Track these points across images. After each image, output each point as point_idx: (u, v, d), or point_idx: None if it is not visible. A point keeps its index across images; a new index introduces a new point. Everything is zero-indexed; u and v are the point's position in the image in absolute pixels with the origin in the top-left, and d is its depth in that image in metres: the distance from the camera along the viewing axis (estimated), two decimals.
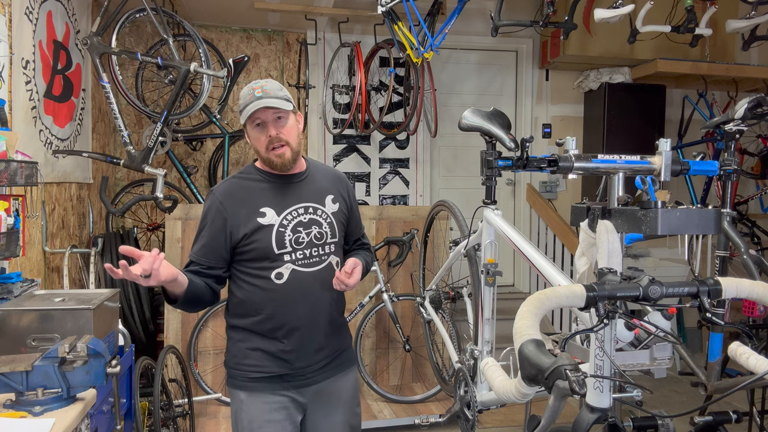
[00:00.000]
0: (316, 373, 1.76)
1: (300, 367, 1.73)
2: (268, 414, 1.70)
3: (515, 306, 1.10)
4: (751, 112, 2.28)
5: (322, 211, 1.77)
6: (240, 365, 1.73)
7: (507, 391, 1.14)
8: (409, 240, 3.80)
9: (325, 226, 1.76)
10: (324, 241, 1.75)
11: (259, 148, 1.71)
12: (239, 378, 1.74)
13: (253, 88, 1.67)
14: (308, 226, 1.73)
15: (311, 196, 1.78)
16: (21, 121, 2.71)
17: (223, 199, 1.71)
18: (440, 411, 3.49)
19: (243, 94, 1.69)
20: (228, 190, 1.73)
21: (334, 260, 1.78)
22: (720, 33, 4.42)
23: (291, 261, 1.70)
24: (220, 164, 4.47)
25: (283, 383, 1.73)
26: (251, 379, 1.72)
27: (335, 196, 1.82)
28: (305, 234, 1.72)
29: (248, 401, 1.72)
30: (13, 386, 1.56)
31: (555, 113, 5.27)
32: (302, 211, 1.74)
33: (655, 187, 1.37)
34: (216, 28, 4.66)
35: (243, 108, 1.67)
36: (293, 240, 1.70)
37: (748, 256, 2.36)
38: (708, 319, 1.18)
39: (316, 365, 1.76)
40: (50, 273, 3.12)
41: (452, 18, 3.76)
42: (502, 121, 1.94)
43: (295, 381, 1.74)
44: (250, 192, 1.73)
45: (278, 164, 1.71)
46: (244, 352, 1.73)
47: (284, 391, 1.73)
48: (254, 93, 1.66)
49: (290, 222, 1.71)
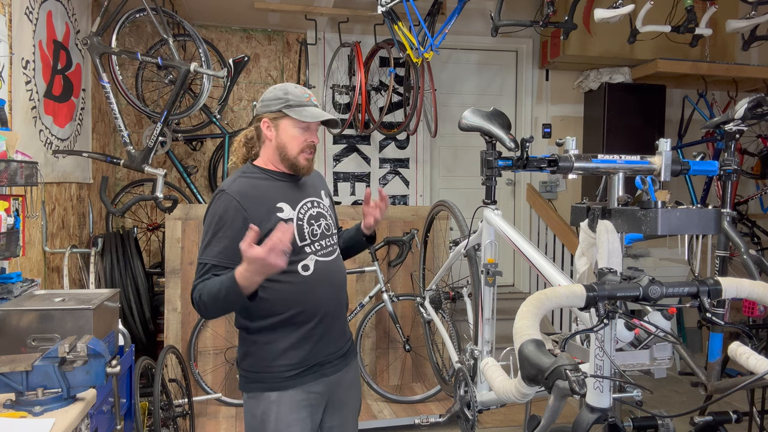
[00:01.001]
0: (339, 360, 1.83)
1: (328, 354, 1.78)
2: (296, 412, 1.72)
3: (515, 306, 1.10)
4: (751, 112, 2.28)
5: (323, 204, 1.86)
6: (271, 367, 1.71)
7: (507, 391, 1.14)
8: (409, 240, 3.80)
9: (329, 217, 1.85)
10: (332, 232, 1.85)
11: (293, 147, 1.73)
12: (271, 380, 1.71)
13: (306, 92, 1.75)
14: (318, 219, 1.80)
15: (311, 191, 1.84)
16: (21, 121, 2.71)
17: (240, 198, 1.68)
18: (440, 411, 3.49)
19: (291, 90, 1.73)
20: (242, 189, 1.70)
21: (338, 251, 1.88)
22: (720, 33, 4.42)
23: (313, 252, 1.75)
24: (220, 164, 4.47)
25: (312, 374, 1.75)
26: (284, 378, 1.71)
27: (325, 191, 1.93)
28: (317, 226, 1.79)
29: (279, 401, 1.71)
30: (13, 386, 1.56)
31: (555, 113, 5.27)
32: (310, 205, 1.80)
33: (655, 187, 1.37)
34: (216, 28, 4.66)
35: (298, 105, 1.70)
36: (310, 232, 1.76)
37: (748, 256, 2.36)
38: (708, 319, 1.18)
39: (340, 351, 1.83)
40: (50, 273, 3.12)
41: (452, 18, 3.76)
42: (502, 121, 1.94)
43: (324, 369, 1.77)
44: (263, 189, 1.73)
45: (305, 168, 1.77)
46: (275, 352, 1.71)
47: (312, 385, 1.74)
48: (310, 98, 1.74)
49: (304, 215, 1.77)
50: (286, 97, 1.71)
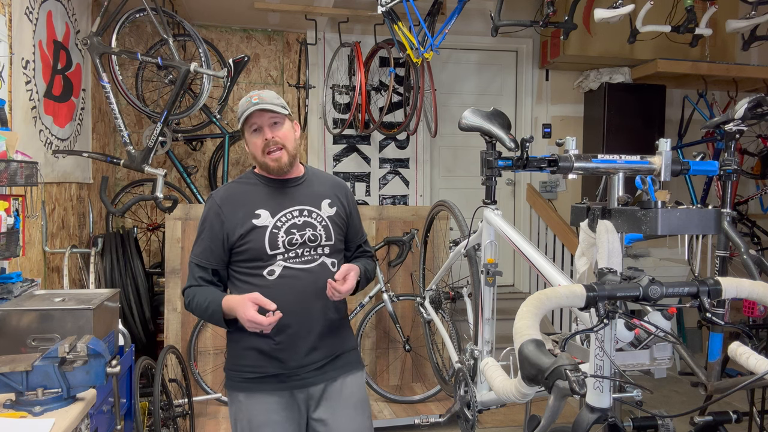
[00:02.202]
0: (311, 374, 1.75)
1: (293, 368, 1.73)
2: (266, 414, 1.71)
3: (515, 306, 1.10)
4: (751, 112, 2.28)
5: (317, 214, 1.80)
6: (237, 366, 1.76)
7: (507, 391, 1.14)
8: (409, 240, 3.80)
9: (320, 228, 1.78)
10: (318, 243, 1.77)
11: (256, 153, 1.76)
12: (237, 379, 1.76)
13: (250, 96, 1.75)
14: (302, 228, 1.76)
15: (306, 199, 1.81)
16: (21, 121, 2.70)
17: (221, 203, 1.77)
18: (440, 411, 3.49)
19: (241, 103, 1.76)
20: (226, 194, 1.79)
21: (329, 261, 1.79)
22: (720, 33, 4.42)
23: (283, 260, 1.73)
24: (220, 164, 4.47)
25: (278, 383, 1.73)
26: (248, 380, 1.74)
27: (332, 200, 1.85)
28: (299, 236, 1.74)
29: (247, 402, 1.73)
30: (13, 386, 1.56)
31: (555, 113, 5.27)
32: (297, 213, 1.77)
33: (655, 187, 1.37)
34: (216, 28, 4.66)
35: (240, 115, 1.75)
36: (286, 241, 1.73)
37: (748, 256, 2.36)
38: (708, 319, 1.18)
39: (311, 366, 1.75)
40: (50, 273, 3.12)
41: (452, 18, 3.76)
42: (502, 121, 1.94)
43: (290, 382, 1.74)
44: (247, 195, 1.78)
45: (274, 168, 1.75)
46: (241, 352, 1.76)
47: (282, 392, 1.73)
48: (251, 100, 1.73)
49: (284, 224, 1.74)
50: (239, 112, 1.77)
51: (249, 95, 1.77)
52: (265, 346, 1.72)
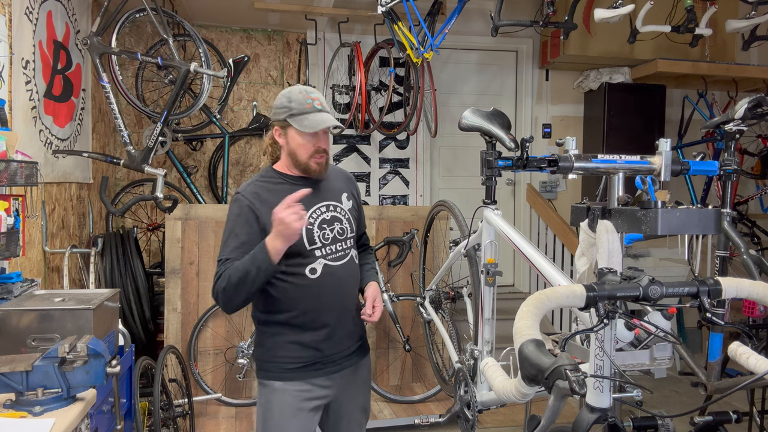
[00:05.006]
0: (345, 359, 1.87)
1: (331, 354, 1.83)
2: (299, 402, 1.79)
3: (515, 306, 1.10)
4: (751, 112, 2.28)
5: (341, 208, 1.88)
6: (275, 357, 1.81)
7: (507, 391, 1.14)
8: (409, 240, 3.80)
9: (345, 222, 1.87)
10: (345, 236, 1.86)
11: (302, 153, 1.78)
12: (273, 369, 1.81)
13: (309, 96, 1.74)
14: (331, 223, 1.83)
15: (330, 195, 1.87)
16: (21, 121, 2.70)
17: (252, 198, 1.78)
18: (440, 411, 3.49)
19: (295, 96, 1.75)
20: (255, 192, 1.80)
21: (354, 254, 1.90)
22: (720, 33, 4.42)
23: (322, 256, 1.79)
24: (220, 164, 4.47)
25: (315, 371, 1.81)
26: (287, 370, 1.80)
27: (348, 194, 1.93)
28: (329, 230, 1.82)
29: (282, 390, 1.80)
30: (13, 386, 1.56)
31: (555, 113, 5.27)
32: (324, 209, 1.84)
33: (655, 187, 1.37)
34: (216, 28, 4.66)
35: (300, 114, 1.73)
36: (321, 236, 1.80)
37: (748, 256, 2.36)
38: (708, 319, 1.18)
39: (346, 351, 1.88)
40: (50, 273, 3.12)
41: (452, 18, 3.76)
42: (502, 121, 1.95)
43: (327, 368, 1.83)
44: (276, 193, 1.77)
45: (316, 171, 1.81)
46: (279, 345, 1.81)
47: (316, 380, 1.81)
48: (313, 103, 1.73)
49: (316, 220, 1.80)
50: (290, 105, 1.75)
51: (304, 92, 1.75)
52: (307, 339, 1.79)
